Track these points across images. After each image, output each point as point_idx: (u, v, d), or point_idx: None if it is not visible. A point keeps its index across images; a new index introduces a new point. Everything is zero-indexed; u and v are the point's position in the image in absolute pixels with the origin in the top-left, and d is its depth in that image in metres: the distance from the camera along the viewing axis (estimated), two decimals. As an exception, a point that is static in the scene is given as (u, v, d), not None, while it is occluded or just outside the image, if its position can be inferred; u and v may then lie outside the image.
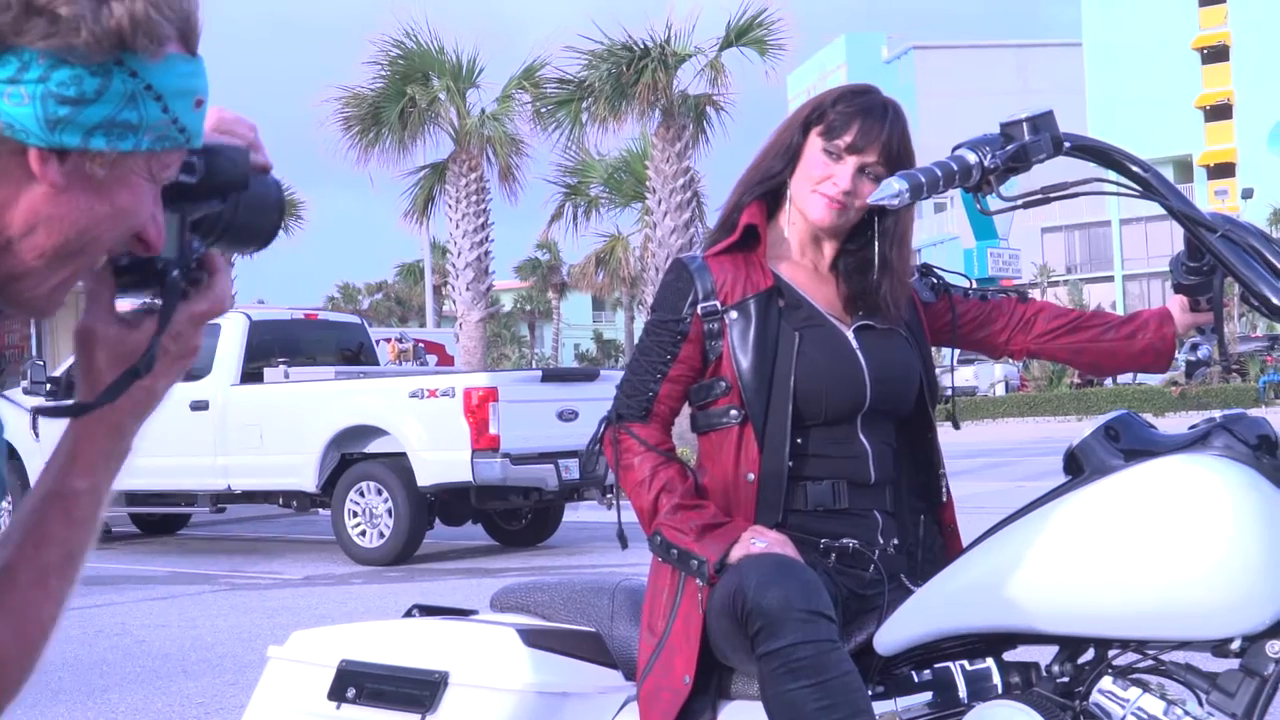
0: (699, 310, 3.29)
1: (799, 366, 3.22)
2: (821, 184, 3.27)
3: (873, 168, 3.25)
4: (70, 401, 1.67)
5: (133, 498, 16.97)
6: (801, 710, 2.87)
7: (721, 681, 3.21)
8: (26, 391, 17.06)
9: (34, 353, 23.27)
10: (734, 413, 3.24)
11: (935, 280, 3.50)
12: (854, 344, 3.29)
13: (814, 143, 3.30)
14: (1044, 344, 3.46)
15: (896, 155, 3.27)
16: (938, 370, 3.51)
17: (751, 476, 3.21)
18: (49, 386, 16.87)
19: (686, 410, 3.41)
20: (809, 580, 2.99)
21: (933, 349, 3.50)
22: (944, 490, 3.41)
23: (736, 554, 3.08)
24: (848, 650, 2.98)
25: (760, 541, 3.08)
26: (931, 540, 3.37)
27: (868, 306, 3.32)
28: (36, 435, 17.03)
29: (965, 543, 3.30)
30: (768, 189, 3.37)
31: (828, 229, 3.31)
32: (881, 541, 3.25)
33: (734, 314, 3.27)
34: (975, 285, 3.55)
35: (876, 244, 3.31)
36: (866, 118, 3.26)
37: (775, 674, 2.90)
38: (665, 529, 3.21)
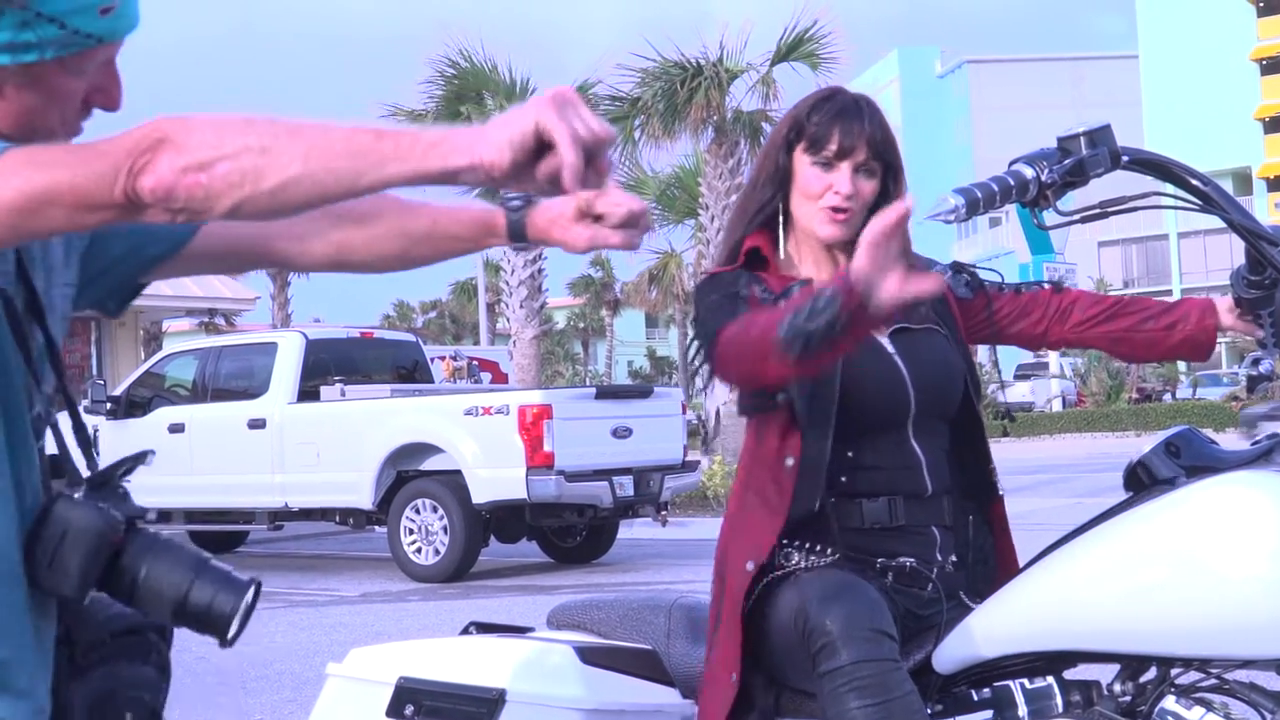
0: (756, 290, 3.23)
1: (843, 378, 3.17)
2: (823, 197, 3.24)
3: (865, 164, 3.24)
4: None
5: (191, 515, 17.08)
6: None
7: (779, 701, 3.20)
8: (87, 410, 17.22)
9: (94, 372, 23.44)
10: (780, 396, 3.18)
11: (969, 277, 3.46)
12: (890, 349, 3.26)
13: (802, 160, 3.27)
14: (1081, 333, 3.40)
15: (883, 145, 3.25)
16: (994, 386, 3.48)
17: (790, 461, 3.16)
18: (109, 405, 17.01)
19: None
20: (872, 599, 2.97)
21: (973, 348, 3.46)
22: (994, 486, 3.37)
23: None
24: (906, 669, 2.96)
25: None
26: (981, 540, 3.34)
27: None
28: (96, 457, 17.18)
29: (1018, 546, 3.28)
30: (765, 217, 3.35)
31: (840, 242, 3.28)
32: (940, 558, 3.22)
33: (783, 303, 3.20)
34: (1004, 280, 3.51)
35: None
36: (844, 118, 3.24)
37: (837, 693, 2.88)
38: (785, 325, 2.85)
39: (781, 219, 3.34)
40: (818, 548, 3.16)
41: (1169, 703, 2.82)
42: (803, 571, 3.12)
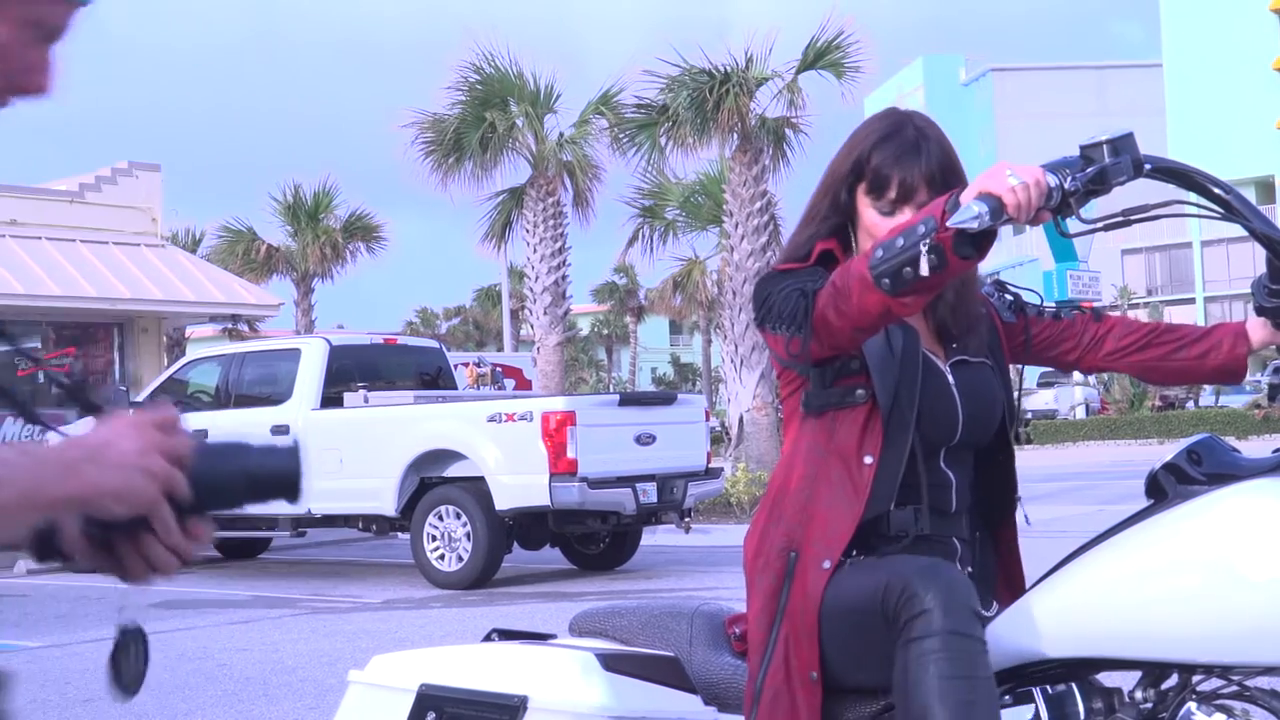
0: None
1: (901, 398, 3.19)
2: None
3: (927, 202, 3.20)
4: None
5: (214, 521, 17.09)
6: (946, 700, 2.84)
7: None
8: (109, 416, 17.26)
9: (117, 378, 23.50)
10: (860, 392, 3.20)
11: (1012, 298, 3.48)
12: (950, 379, 3.28)
13: (864, 201, 3.28)
14: (1113, 362, 3.45)
15: (943, 177, 3.23)
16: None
17: (869, 459, 3.17)
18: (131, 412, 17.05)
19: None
20: (966, 580, 3.01)
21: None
22: (1011, 513, 3.39)
23: (978, 188, 2.79)
24: None
25: (1015, 178, 2.77)
26: (986, 559, 3.36)
27: (958, 333, 3.30)
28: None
29: (1040, 552, 3.29)
30: (829, 229, 3.34)
31: None
32: (959, 568, 3.24)
33: None
34: (1046, 303, 3.53)
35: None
36: (902, 162, 3.22)
37: (925, 658, 2.87)
38: (874, 256, 2.92)
39: (854, 241, 3.34)
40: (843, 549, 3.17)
41: (1190, 709, 2.82)
42: (865, 560, 3.14)
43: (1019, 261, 79.10)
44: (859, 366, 3.20)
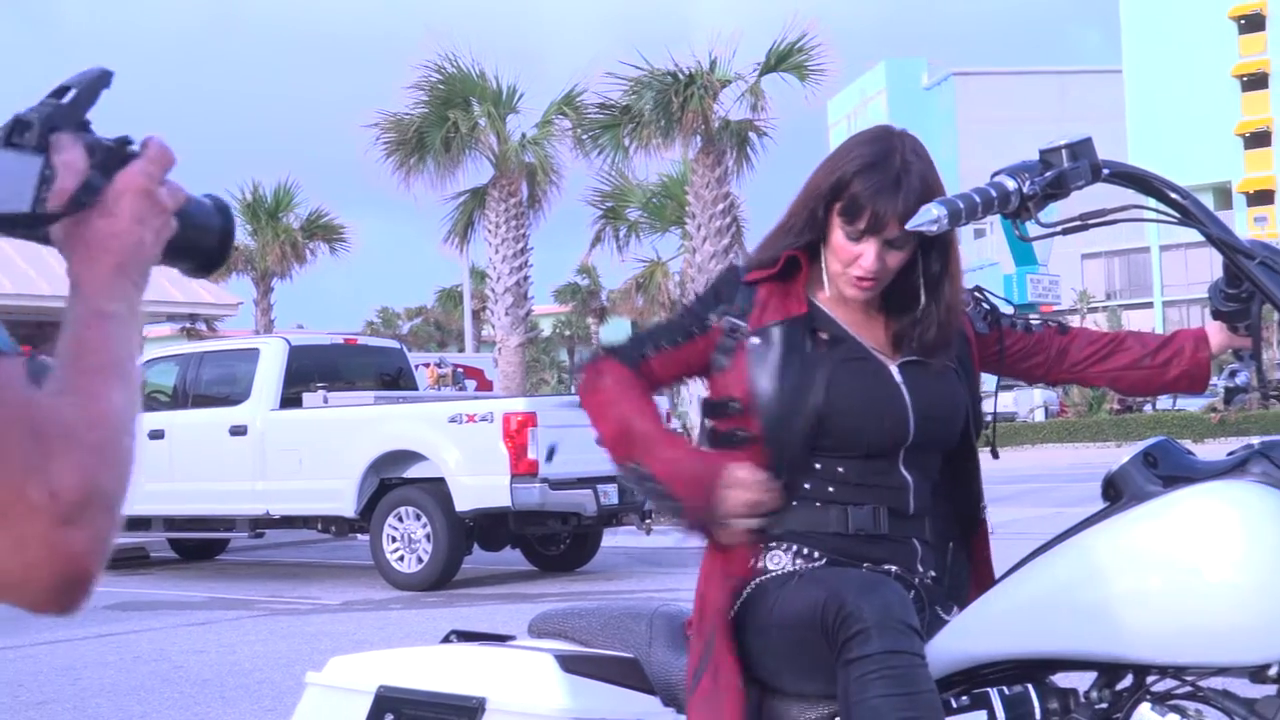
0: (724, 322, 3.26)
1: (836, 400, 3.18)
2: (850, 266, 3.22)
3: (897, 240, 3.17)
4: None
5: (171, 523, 17.03)
6: (889, 718, 2.85)
7: (762, 710, 3.20)
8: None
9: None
10: (740, 434, 3.21)
11: (987, 308, 3.48)
12: (898, 379, 3.27)
13: (836, 221, 3.23)
14: (1079, 373, 3.47)
15: (918, 209, 3.21)
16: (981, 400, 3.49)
17: None
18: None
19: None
20: (904, 595, 3.01)
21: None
22: (981, 522, 3.40)
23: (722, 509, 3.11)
24: None
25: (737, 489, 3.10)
26: (959, 569, 3.36)
27: (920, 345, 3.30)
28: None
29: (1000, 570, 3.29)
30: (803, 243, 3.34)
31: (863, 302, 3.29)
32: (921, 569, 3.25)
33: (755, 340, 3.23)
34: (1017, 313, 3.53)
35: (923, 293, 3.26)
36: (879, 198, 3.15)
37: (864, 679, 2.88)
38: (645, 460, 3.21)
39: (823, 254, 3.33)
40: (805, 551, 3.18)
41: (1144, 710, 2.84)
42: (816, 569, 3.14)
43: (979, 265, 79.41)
44: (739, 409, 3.21)
